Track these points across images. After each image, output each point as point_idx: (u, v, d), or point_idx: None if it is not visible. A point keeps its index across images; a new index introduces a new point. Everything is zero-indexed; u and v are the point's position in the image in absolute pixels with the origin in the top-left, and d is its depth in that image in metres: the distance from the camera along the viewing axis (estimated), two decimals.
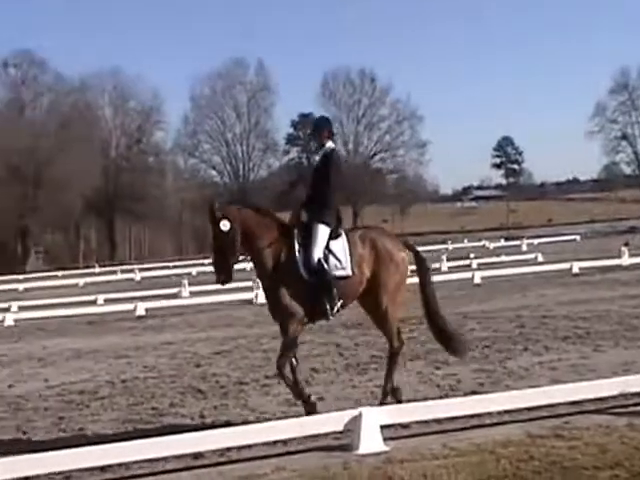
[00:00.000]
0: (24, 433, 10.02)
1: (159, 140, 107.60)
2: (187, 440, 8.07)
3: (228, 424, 9.31)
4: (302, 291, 9.05)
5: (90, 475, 7.94)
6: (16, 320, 25.86)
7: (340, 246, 9.20)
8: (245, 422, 9.35)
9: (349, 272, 9.17)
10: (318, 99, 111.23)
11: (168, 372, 13.68)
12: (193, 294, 30.72)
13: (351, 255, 9.21)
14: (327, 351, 14.61)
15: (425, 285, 9.87)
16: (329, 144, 9.63)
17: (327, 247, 9.15)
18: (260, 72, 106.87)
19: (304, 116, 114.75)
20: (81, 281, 51.08)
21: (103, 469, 7.96)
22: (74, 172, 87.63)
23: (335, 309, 9.18)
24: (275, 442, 8.28)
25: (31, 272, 76.20)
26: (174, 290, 32.05)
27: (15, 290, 47.48)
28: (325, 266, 9.04)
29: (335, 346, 15.13)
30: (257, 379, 12.33)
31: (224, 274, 9.20)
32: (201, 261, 68.43)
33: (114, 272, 62.44)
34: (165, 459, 8.01)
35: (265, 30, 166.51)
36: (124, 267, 69.04)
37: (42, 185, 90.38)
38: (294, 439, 8.31)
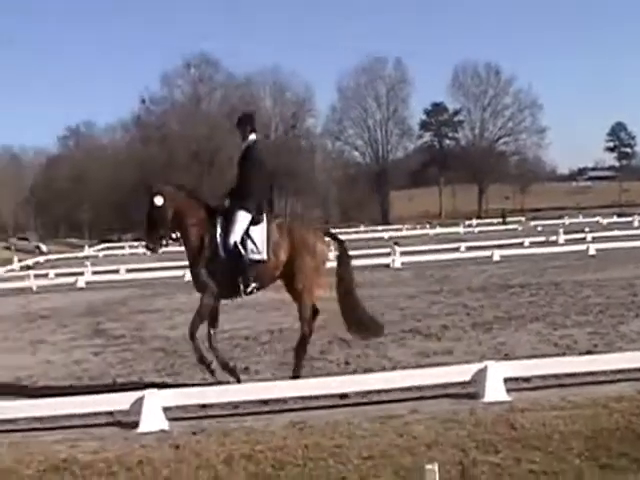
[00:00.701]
0: (201, 369, 10.33)
1: (310, 126, 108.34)
2: (335, 382, 8.16)
3: (369, 370, 9.34)
4: (220, 270, 8.75)
5: (254, 406, 8.13)
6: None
7: (259, 232, 8.78)
8: (383, 369, 9.34)
9: (264, 257, 8.75)
10: (449, 90, 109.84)
11: (317, 323, 13.69)
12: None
13: (268, 241, 8.78)
14: (456, 311, 14.41)
15: (342, 270, 9.20)
16: (252, 137, 9.25)
17: (247, 232, 8.76)
18: (398, 67, 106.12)
19: (436, 105, 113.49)
20: None
21: (265, 402, 8.13)
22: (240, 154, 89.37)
23: (249, 289, 8.81)
24: (410, 388, 8.22)
25: None
26: None
27: None
28: (241, 249, 8.69)
29: (463, 306, 14.89)
30: (394, 333, 12.23)
31: (152, 242, 9.09)
32: (345, 230, 68.77)
33: None
34: (316, 397, 8.09)
35: (404, 29, 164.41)
36: None
37: (215, 166, 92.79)
38: (427, 386, 8.24)
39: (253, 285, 8.82)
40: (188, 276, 26.01)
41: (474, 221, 73.33)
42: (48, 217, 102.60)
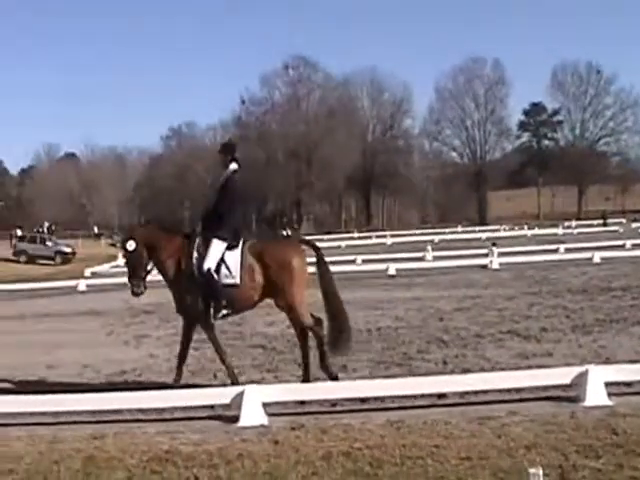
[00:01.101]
0: (299, 365, 10.40)
1: (408, 126, 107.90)
2: (433, 382, 8.10)
3: (467, 371, 9.23)
4: (195, 294, 8.93)
5: (352, 404, 8.13)
6: None
7: (233, 258, 8.89)
8: (482, 370, 9.21)
9: (237, 281, 8.85)
10: (547, 90, 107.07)
11: (415, 323, 13.72)
12: (436, 258, 30.57)
13: (241, 265, 8.87)
14: (555, 313, 14.08)
15: (323, 278, 9.17)
16: (232, 166, 9.30)
17: (222, 258, 8.88)
18: (496, 67, 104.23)
19: (535, 105, 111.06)
20: (342, 244, 52.42)
21: (363, 400, 8.13)
22: (338, 153, 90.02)
23: (220, 314, 8.98)
24: (508, 390, 8.08)
25: (303, 235, 79.07)
26: (419, 254, 32.07)
27: None
28: (215, 276, 8.81)
29: (562, 308, 14.54)
30: (493, 333, 12.07)
31: (137, 286, 9.29)
32: (442, 230, 68.26)
33: (369, 237, 63.50)
34: (414, 397, 8.04)
35: (502, 29, 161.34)
36: (378, 233, 69.96)
37: (313, 164, 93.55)
38: (526, 388, 8.08)
39: (224, 312, 9.03)
40: None
41: (573, 222, 71.52)
42: (151, 215, 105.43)
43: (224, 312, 9.04)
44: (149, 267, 9.35)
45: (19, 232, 62.35)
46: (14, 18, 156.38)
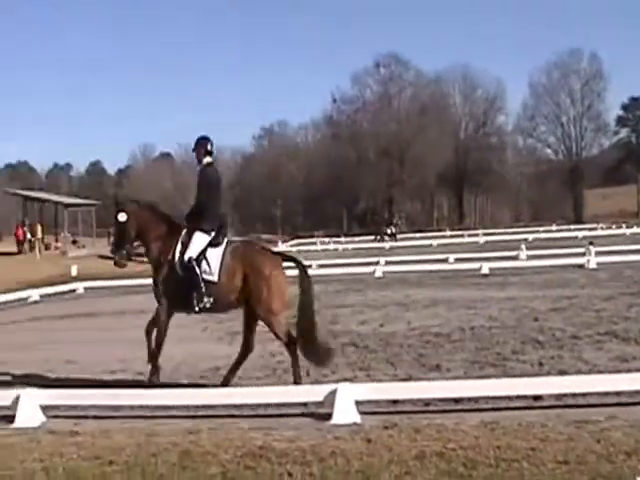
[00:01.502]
0: (392, 364, 10.40)
1: (501, 123, 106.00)
2: (529, 383, 7.96)
3: (564, 373, 9.02)
4: (176, 283, 9.06)
5: (444, 404, 8.06)
6: (384, 272, 26.76)
7: (215, 255, 9.02)
8: (579, 372, 8.98)
9: (215, 278, 8.97)
10: None
11: (510, 323, 13.47)
12: (530, 257, 29.95)
13: (221, 264, 8.98)
14: None
15: (303, 293, 9.24)
16: (206, 159, 9.40)
17: (204, 253, 9.01)
18: (593, 61, 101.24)
19: (634, 99, 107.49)
20: (435, 242, 51.98)
21: (456, 401, 8.04)
22: (430, 151, 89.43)
23: (202, 305, 9.02)
24: (607, 393, 7.85)
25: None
26: (513, 253, 31.52)
27: (383, 248, 49.50)
28: (195, 267, 8.95)
29: None
30: (590, 335, 11.74)
31: (118, 254, 9.62)
32: (536, 228, 66.89)
33: (461, 235, 62.71)
34: (508, 398, 7.91)
35: (598, 22, 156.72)
36: (470, 232, 69.07)
37: (404, 162, 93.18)
38: (625, 392, 7.82)
39: (205, 301, 9.03)
40: (378, 272, 26.43)
41: None
42: (244, 213, 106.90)
43: (206, 302, 9.07)
44: (135, 243, 9.70)
45: None
46: (122, 24, 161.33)
